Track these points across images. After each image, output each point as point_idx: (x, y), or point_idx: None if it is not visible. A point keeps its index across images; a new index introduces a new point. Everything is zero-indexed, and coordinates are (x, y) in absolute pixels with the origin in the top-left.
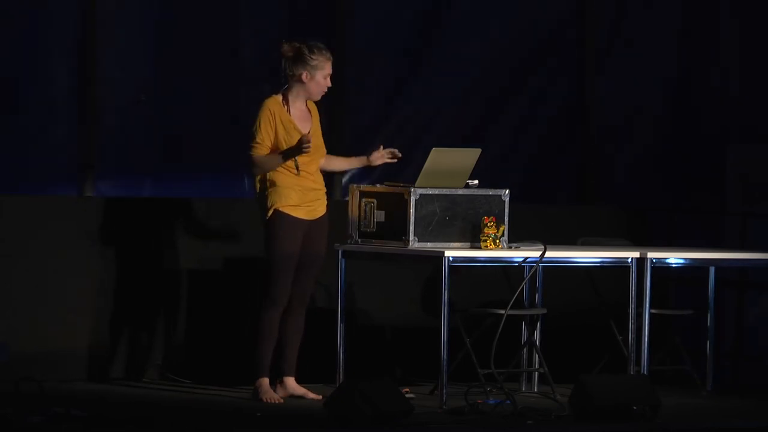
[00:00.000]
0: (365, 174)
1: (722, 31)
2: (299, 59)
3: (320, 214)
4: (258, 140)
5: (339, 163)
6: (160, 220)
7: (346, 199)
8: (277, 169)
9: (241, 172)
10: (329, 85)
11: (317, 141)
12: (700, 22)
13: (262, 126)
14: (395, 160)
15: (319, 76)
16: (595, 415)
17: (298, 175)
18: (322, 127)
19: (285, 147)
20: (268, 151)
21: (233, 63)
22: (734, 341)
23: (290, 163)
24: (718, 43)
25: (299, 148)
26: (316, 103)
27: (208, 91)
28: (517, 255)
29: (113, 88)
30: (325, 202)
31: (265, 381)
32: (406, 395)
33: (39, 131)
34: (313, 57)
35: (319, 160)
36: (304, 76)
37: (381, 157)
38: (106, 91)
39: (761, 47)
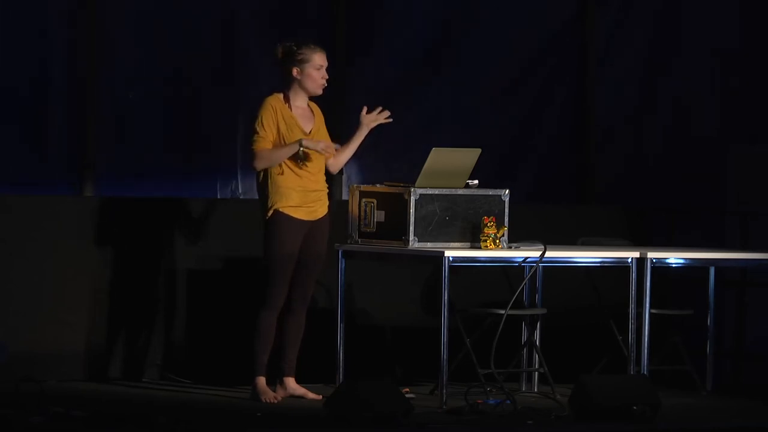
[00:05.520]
0: (367, 173)
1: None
2: (288, 57)
3: (321, 215)
4: (261, 135)
5: (345, 154)
6: (160, 220)
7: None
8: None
9: (242, 172)
10: (325, 76)
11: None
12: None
13: (264, 120)
14: (389, 120)
15: (310, 68)
16: (595, 415)
17: (301, 160)
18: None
19: (287, 143)
20: (271, 146)
21: (233, 63)
22: (734, 341)
23: (293, 160)
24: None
25: (318, 149)
26: (317, 104)
27: (208, 91)
28: (517, 255)
29: (113, 87)
30: (327, 203)
31: (262, 380)
32: (406, 395)
33: (39, 131)
34: (299, 52)
35: (322, 161)
36: (295, 72)
37: (375, 119)
38: (105, 90)
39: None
